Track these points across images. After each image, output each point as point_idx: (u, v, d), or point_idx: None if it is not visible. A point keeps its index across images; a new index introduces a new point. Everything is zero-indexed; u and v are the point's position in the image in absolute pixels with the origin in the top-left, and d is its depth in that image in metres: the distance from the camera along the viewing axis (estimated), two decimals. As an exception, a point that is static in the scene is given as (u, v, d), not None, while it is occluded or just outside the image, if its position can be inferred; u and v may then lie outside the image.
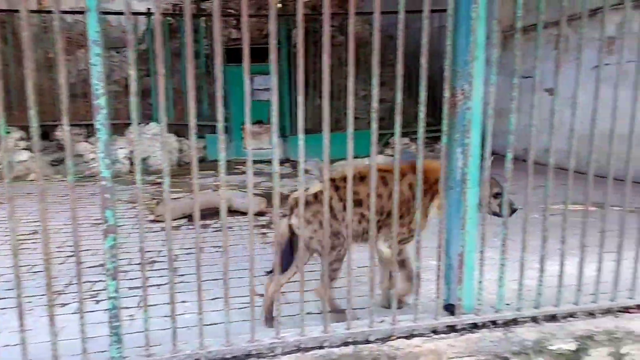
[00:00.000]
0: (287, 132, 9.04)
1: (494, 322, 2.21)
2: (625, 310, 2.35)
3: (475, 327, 2.19)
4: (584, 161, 2.23)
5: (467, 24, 1.95)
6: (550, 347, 2.05)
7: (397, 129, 1.98)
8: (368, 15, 9.44)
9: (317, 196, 2.47)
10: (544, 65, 2.10)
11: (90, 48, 1.72)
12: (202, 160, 8.34)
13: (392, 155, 8.12)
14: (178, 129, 8.61)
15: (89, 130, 8.68)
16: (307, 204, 2.46)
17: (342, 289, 2.49)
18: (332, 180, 2.50)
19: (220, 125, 1.87)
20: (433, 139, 8.39)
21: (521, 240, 2.18)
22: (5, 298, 2.91)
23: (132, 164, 8.34)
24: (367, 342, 2.07)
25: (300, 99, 1.88)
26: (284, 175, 7.55)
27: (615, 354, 2.11)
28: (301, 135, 1.92)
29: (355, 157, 2.07)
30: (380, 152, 7.50)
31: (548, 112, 2.21)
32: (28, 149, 7.98)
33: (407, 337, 2.10)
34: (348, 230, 2.17)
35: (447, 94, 1.98)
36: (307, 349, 2.00)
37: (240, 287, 2.55)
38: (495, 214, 2.43)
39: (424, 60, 1.92)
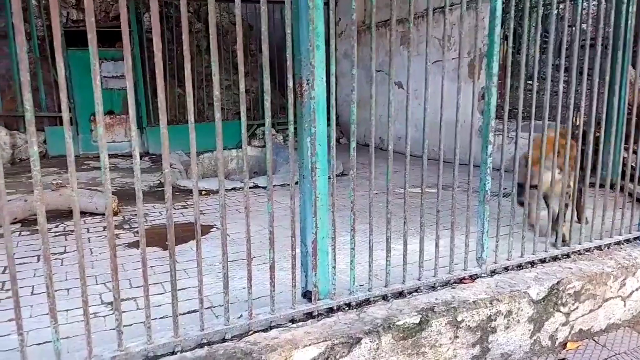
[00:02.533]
0: (144, 123, 8.42)
1: (348, 305, 2.29)
2: (461, 281, 2.62)
3: (331, 311, 2.25)
4: (422, 147, 2.42)
5: (306, 14, 1.95)
6: (398, 323, 2.19)
7: (267, 119, 1.92)
8: (226, 3, 9.21)
9: None
10: (394, 60, 2.20)
11: None
12: (42, 156, 7.35)
13: (258, 147, 8.07)
14: (8, 120, 7.47)
15: None
16: None
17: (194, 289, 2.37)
18: None
19: (65, 115, 1.60)
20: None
21: (368, 223, 2.28)
22: None
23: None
24: (224, 340, 1.99)
25: (159, 82, 1.71)
26: (143, 170, 7.02)
27: (453, 322, 2.34)
28: (163, 124, 1.75)
29: (225, 148, 1.96)
30: (248, 144, 7.37)
31: (399, 103, 2.34)
32: None
33: (264, 330, 2.07)
34: None
35: (290, 83, 1.97)
36: (157, 357, 1.84)
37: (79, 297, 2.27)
38: None
39: (264, 47, 1.88)
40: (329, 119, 2.12)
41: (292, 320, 2.16)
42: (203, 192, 5.75)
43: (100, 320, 2.41)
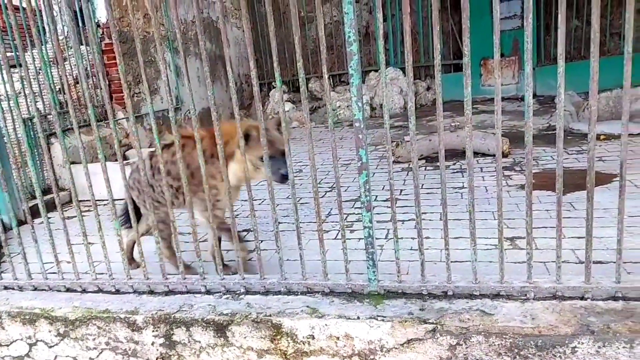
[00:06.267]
0: (534, 63, 8.08)
1: None
2: None
3: None
4: None
5: None
6: None
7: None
8: None
9: (138, 165, 2.53)
10: None
11: (342, -2, 1.84)
12: (433, 103, 8.25)
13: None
14: (412, 71, 8.66)
15: (335, 81, 9.52)
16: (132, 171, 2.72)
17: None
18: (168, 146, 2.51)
19: (466, 59, 1.80)
20: None
21: None
22: (282, 223, 3.56)
23: (372, 109, 8.85)
24: (642, 300, 1.79)
25: (561, 19, 1.65)
26: (533, 112, 6.85)
27: None
28: (561, 62, 1.70)
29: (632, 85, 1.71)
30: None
31: None
32: (290, 100, 9.28)
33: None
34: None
35: None
36: (564, 298, 1.85)
37: (480, 228, 2.50)
38: None
39: None
40: None
41: None
42: (602, 137, 5.14)
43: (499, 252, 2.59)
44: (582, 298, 1.83)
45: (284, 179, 2.29)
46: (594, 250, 2.42)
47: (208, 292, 2.27)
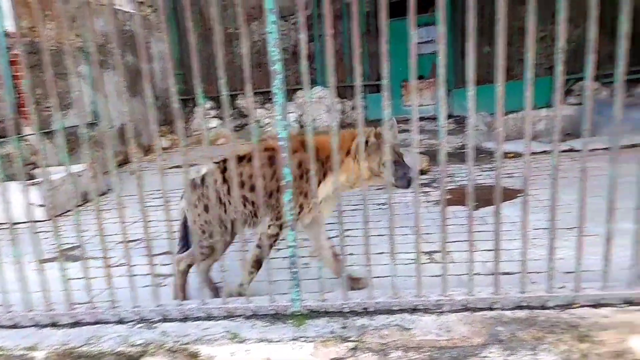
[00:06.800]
0: (450, 86, 8.62)
1: None
2: None
3: (683, 301, 1.86)
4: None
5: None
6: None
7: (588, 71, 1.72)
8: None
9: (203, 179, 2.38)
10: None
11: (266, 17, 1.85)
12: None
13: (576, 104, 7.13)
14: (338, 90, 8.89)
15: (264, 98, 9.51)
16: (195, 187, 2.41)
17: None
18: (224, 161, 2.39)
19: (385, 82, 1.87)
20: (632, 82, 7.13)
21: None
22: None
23: (301, 126, 8.94)
24: (543, 308, 1.93)
25: (471, 45, 1.77)
26: (449, 132, 7.26)
27: None
28: (472, 87, 1.82)
29: (534, 107, 1.88)
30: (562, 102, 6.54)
31: None
32: (217, 117, 9.13)
33: (593, 306, 1.89)
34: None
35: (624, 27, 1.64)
36: (475, 309, 1.95)
37: (401, 243, 2.58)
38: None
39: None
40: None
41: (628, 302, 1.90)
42: (510, 155, 5.56)
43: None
44: (491, 309, 1.94)
45: (409, 183, 2.24)
46: (502, 262, 2.59)
47: (120, 322, 2.12)
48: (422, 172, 5.02)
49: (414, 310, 1.99)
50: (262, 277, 2.35)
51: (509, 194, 3.93)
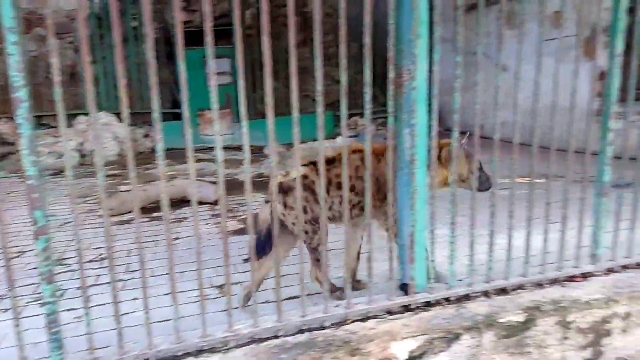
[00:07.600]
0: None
1: (447, 299, 2.24)
2: (571, 279, 2.43)
3: (428, 305, 2.21)
4: (529, 134, 2.27)
5: (409, 2, 1.91)
6: (500, 320, 2.10)
7: (343, 110, 1.95)
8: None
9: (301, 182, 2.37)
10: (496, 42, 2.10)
11: (5, 36, 1.57)
12: (152, 150, 8.10)
13: (353, 136, 8.12)
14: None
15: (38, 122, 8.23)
16: (290, 189, 2.46)
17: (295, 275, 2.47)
18: (314, 163, 2.50)
19: (185, 111, 1.80)
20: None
21: (470, 216, 2.20)
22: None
23: (82, 156, 7.99)
24: (322, 328, 2.06)
25: (242, 82, 1.82)
26: (239, 160, 7.42)
27: (562, 322, 2.18)
28: (245, 123, 1.87)
29: (302, 141, 2.03)
30: (337, 135, 7.42)
31: (505, 88, 2.25)
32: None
33: (362, 320, 2.10)
34: (322, 214, 2.14)
35: (391, 74, 1.95)
36: (261, 340, 1.96)
37: (192, 280, 2.48)
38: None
39: (367, 40, 1.88)
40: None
41: (389, 312, 2.17)
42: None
43: (208, 302, 2.61)
44: (276, 337, 1.98)
45: (489, 189, 2.47)
46: (282, 287, 2.70)
47: None
48: (216, 203, 4.99)
49: (200, 352, 1.89)
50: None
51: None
